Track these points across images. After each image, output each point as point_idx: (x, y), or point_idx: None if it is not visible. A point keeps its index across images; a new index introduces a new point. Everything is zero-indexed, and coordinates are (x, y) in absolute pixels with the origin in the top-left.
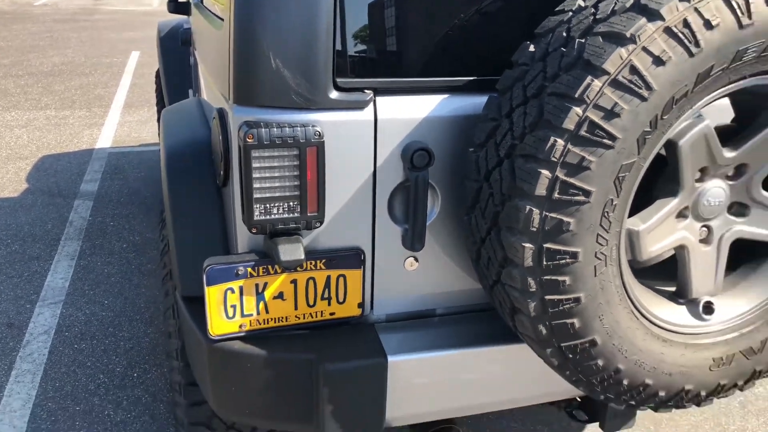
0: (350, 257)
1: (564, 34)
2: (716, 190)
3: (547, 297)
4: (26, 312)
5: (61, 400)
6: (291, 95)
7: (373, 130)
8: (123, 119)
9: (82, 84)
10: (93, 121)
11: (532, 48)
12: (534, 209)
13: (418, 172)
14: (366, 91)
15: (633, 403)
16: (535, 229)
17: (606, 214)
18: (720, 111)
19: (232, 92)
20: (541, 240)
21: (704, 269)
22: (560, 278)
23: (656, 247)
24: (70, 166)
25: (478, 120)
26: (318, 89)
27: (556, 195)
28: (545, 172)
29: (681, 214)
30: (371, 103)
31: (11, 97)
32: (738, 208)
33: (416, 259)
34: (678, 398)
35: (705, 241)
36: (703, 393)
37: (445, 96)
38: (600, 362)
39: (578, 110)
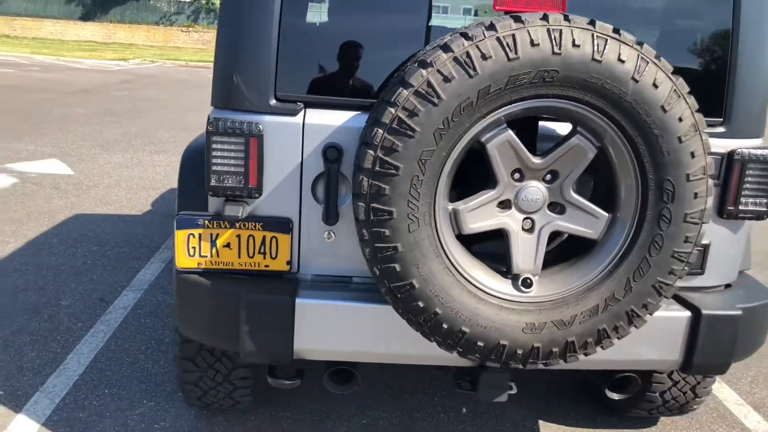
0: (281, 224)
1: (407, 64)
2: (533, 189)
3: (376, 245)
4: (116, 293)
5: (118, 352)
6: (245, 102)
7: (301, 131)
8: None
9: None
10: None
11: (394, 76)
12: (365, 178)
13: (330, 164)
14: (298, 103)
15: (461, 350)
16: (365, 193)
17: (414, 186)
18: None
19: (211, 99)
20: (369, 201)
21: (525, 252)
22: (382, 230)
23: (477, 225)
24: None
25: None
26: (263, 98)
27: (377, 168)
28: (371, 152)
29: (504, 205)
30: (301, 112)
31: (164, 144)
32: (557, 207)
33: (333, 233)
34: (497, 352)
35: (528, 230)
36: (520, 352)
37: (357, 112)
38: (420, 304)
39: (392, 110)
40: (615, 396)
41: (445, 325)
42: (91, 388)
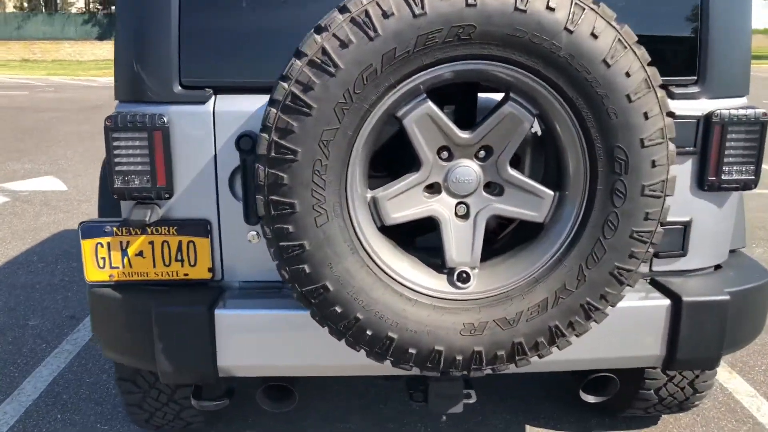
0: (198, 226)
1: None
2: (465, 169)
3: (280, 243)
4: (88, 310)
5: (79, 373)
6: (148, 92)
7: (212, 121)
8: None
9: None
10: None
11: None
12: (261, 167)
13: (246, 156)
14: (207, 89)
15: (392, 360)
16: (262, 184)
17: (317, 172)
18: None
19: (115, 92)
20: (267, 193)
21: (460, 242)
22: (285, 226)
23: (401, 214)
24: None
25: None
26: (166, 86)
27: (272, 154)
28: (265, 136)
29: (432, 189)
30: (211, 99)
31: None
32: (494, 188)
33: (258, 234)
34: (433, 359)
35: (462, 217)
36: (459, 358)
37: None
38: (338, 309)
39: (285, 85)
40: (591, 399)
41: (368, 332)
42: (44, 413)
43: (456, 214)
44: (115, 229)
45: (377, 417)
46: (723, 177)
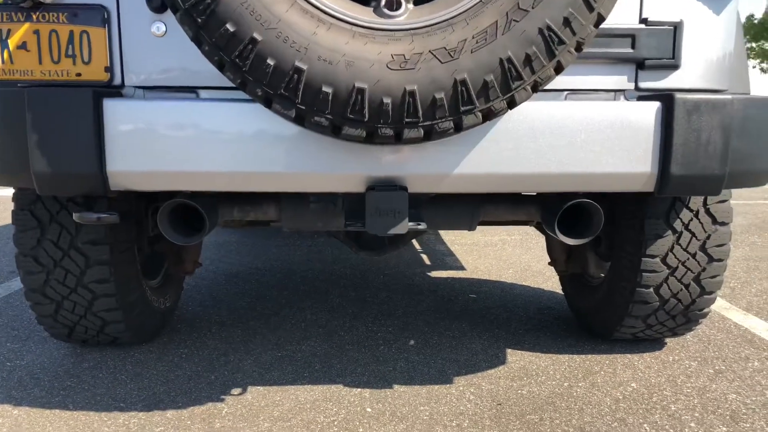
0: (93, 13)
1: None
2: None
3: None
4: None
5: (1, 309)
6: None
7: None
8: None
9: None
10: None
11: None
12: None
13: None
14: None
15: (302, 105)
16: None
17: None
18: None
19: None
20: None
21: None
22: None
23: None
24: None
25: None
26: None
27: None
28: None
29: None
30: None
31: None
32: None
33: (164, 24)
34: (356, 104)
35: None
36: (388, 101)
37: None
38: (230, 27)
39: None
40: (569, 240)
41: (270, 61)
42: None
43: None
44: None
45: (336, 341)
46: None
